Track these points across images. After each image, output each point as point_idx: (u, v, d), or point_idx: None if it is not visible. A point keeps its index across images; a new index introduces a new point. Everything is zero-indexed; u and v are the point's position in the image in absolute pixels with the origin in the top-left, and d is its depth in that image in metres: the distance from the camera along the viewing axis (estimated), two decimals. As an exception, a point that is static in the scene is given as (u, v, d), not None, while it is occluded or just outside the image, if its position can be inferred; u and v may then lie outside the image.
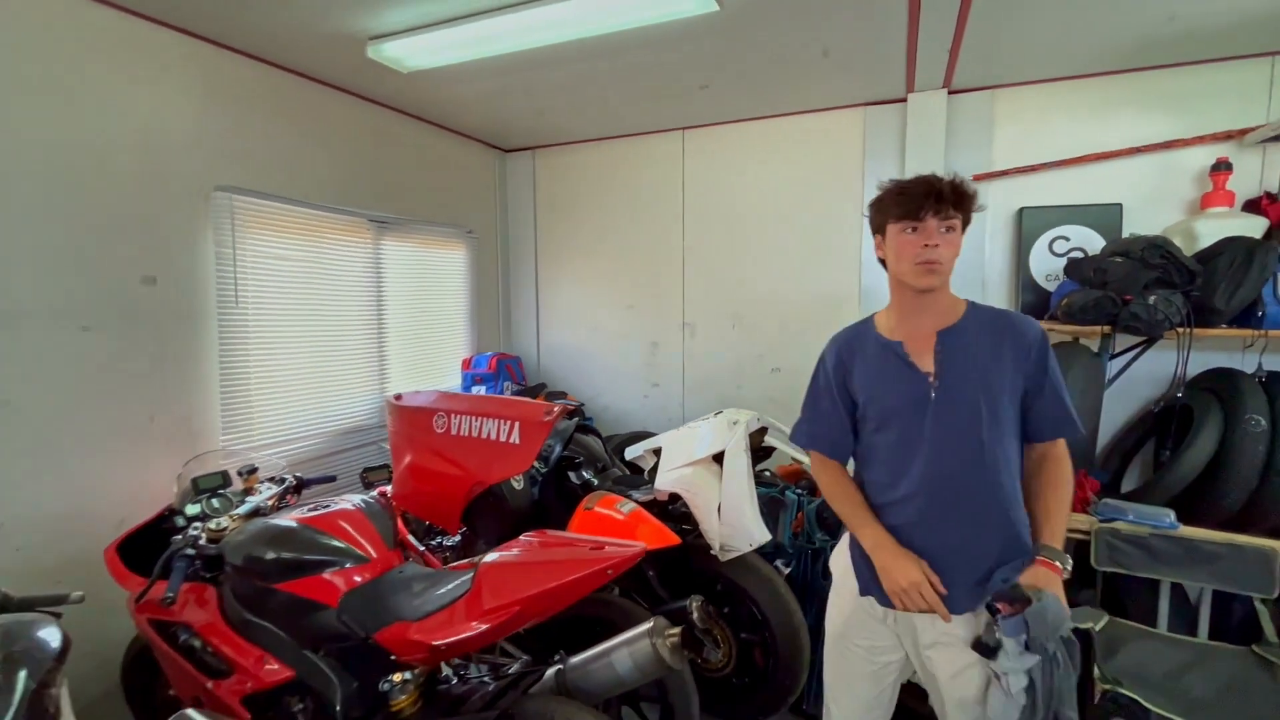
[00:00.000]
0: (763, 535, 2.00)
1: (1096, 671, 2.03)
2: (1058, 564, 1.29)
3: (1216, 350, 2.55)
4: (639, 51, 2.53)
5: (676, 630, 1.57)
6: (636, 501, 2.16)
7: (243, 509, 1.91)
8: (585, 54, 2.54)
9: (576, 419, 3.11)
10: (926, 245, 1.33)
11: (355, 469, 2.82)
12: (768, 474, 2.68)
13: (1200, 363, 2.55)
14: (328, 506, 1.82)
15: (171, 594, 1.60)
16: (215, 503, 2.06)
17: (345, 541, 1.70)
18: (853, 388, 1.49)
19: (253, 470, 2.16)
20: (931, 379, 1.39)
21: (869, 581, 1.45)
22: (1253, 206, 2.57)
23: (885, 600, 1.41)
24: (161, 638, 1.76)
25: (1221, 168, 2.57)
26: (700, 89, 2.98)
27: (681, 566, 2.31)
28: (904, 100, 3.06)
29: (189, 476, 2.08)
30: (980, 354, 1.38)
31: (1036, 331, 1.40)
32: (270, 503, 1.99)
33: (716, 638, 2.34)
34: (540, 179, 4.08)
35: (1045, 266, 2.86)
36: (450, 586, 1.51)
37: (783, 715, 2.29)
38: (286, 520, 1.73)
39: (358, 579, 1.64)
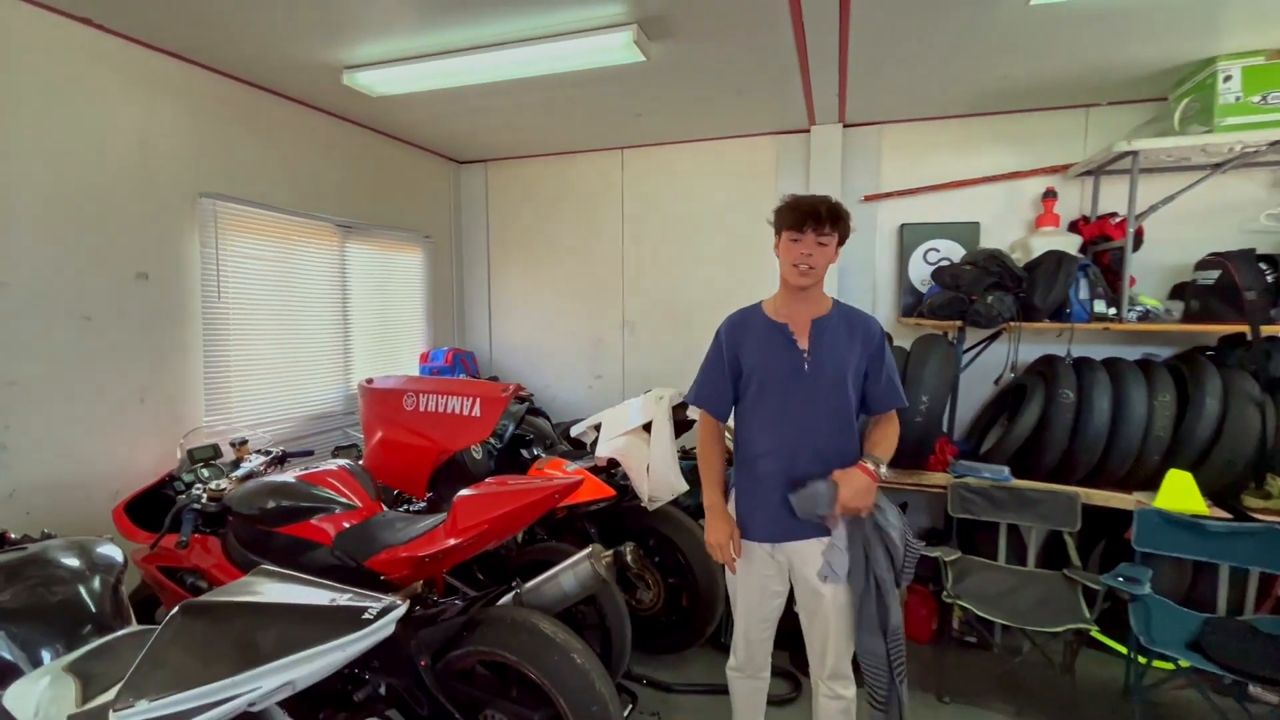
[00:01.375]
0: (681, 485, 2.45)
1: (946, 592, 2.57)
2: (869, 465, 1.70)
3: (1043, 341, 3.17)
4: (580, 88, 2.96)
5: (610, 552, 2.00)
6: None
7: (239, 472, 2.23)
8: (532, 88, 2.95)
9: (527, 403, 3.50)
10: (804, 253, 1.68)
11: (323, 452, 3.12)
12: (692, 449, 3.15)
13: (1034, 351, 3.17)
14: (318, 467, 2.16)
15: (185, 538, 1.91)
16: (205, 471, 2.35)
17: (336, 493, 2.05)
18: (742, 359, 1.80)
19: (244, 442, 2.46)
20: (806, 355, 1.75)
21: (745, 526, 1.82)
22: (1074, 227, 3.22)
23: (757, 537, 1.79)
24: (171, 582, 2.06)
25: (1050, 195, 3.21)
26: (635, 117, 3.44)
27: (618, 523, 2.73)
28: (808, 131, 3.61)
29: (187, 448, 2.36)
30: (840, 340, 1.77)
31: (879, 328, 1.84)
32: (262, 468, 2.31)
33: (648, 581, 2.77)
34: (492, 188, 4.45)
35: (921, 273, 3.45)
36: (429, 520, 1.89)
37: (702, 646, 2.74)
38: (285, 477, 2.06)
39: (346, 524, 1.99)
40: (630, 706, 2.35)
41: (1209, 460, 2.62)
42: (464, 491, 1.83)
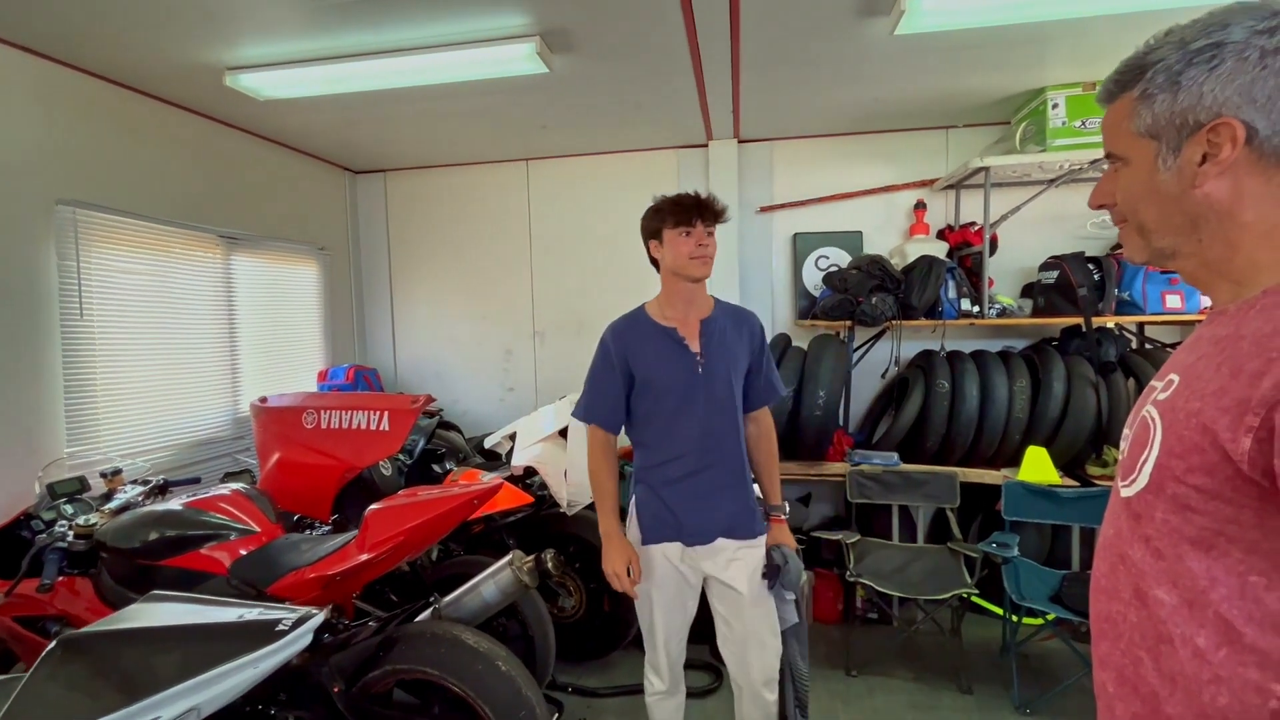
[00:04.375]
0: (600, 489, 2.48)
1: (849, 573, 2.76)
2: (782, 516, 1.83)
3: (921, 337, 3.50)
4: (482, 97, 2.96)
5: (531, 558, 1.99)
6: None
7: (112, 505, 2.02)
8: (431, 96, 2.91)
9: (438, 417, 3.42)
10: (700, 244, 1.70)
11: (211, 479, 2.88)
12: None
13: (914, 347, 3.49)
14: (207, 493, 2.01)
15: (50, 580, 1.71)
16: (69, 507, 2.11)
17: (230, 518, 1.92)
18: (634, 366, 1.76)
19: (117, 472, 2.23)
20: (699, 357, 1.74)
21: (651, 534, 1.78)
22: (942, 234, 3.58)
23: (666, 537, 1.76)
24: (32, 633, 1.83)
25: (920, 206, 3.57)
26: (540, 128, 3.48)
27: (537, 531, 2.71)
28: (706, 146, 3.79)
29: (46, 481, 2.11)
30: (728, 338, 1.78)
31: (759, 323, 1.87)
32: (141, 499, 2.10)
33: (569, 587, 2.77)
34: (392, 199, 4.31)
35: (813, 278, 3.71)
36: (338, 539, 1.80)
37: (626, 649, 2.77)
38: (169, 505, 1.90)
39: (244, 550, 1.86)
40: (556, 715, 2.34)
41: (1059, 436, 3.00)
42: (375, 505, 1.77)
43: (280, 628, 0.96)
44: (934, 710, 2.46)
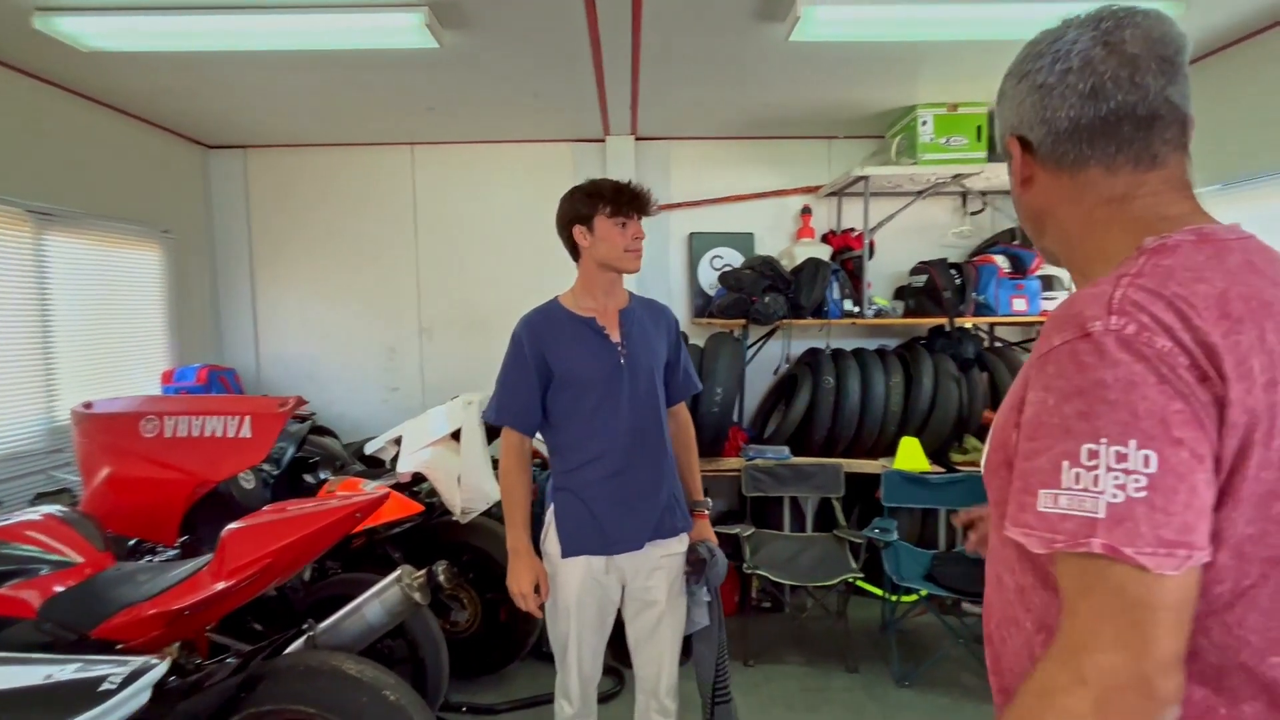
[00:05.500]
0: (497, 493, 2.35)
1: (746, 564, 2.82)
2: (705, 511, 1.81)
3: (808, 336, 3.67)
4: (365, 71, 2.71)
5: (422, 572, 1.83)
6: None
7: None
8: (307, 65, 2.62)
9: (310, 421, 3.10)
10: (636, 236, 1.64)
11: (18, 501, 2.41)
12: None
13: (802, 345, 3.66)
14: (11, 519, 1.65)
15: None
16: None
17: (41, 549, 1.59)
18: (550, 360, 1.65)
19: (-123, 499, 1.78)
20: (621, 349, 1.66)
21: (574, 544, 1.65)
22: (825, 238, 3.78)
23: (591, 550, 1.64)
24: None
25: (806, 211, 3.74)
26: (427, 110, 3.25)
27: (427, 543, 2.52)
28: (603, 141, 3.74)
29: None
30: (649, 330, 1.73)
31: (674, 316, 1.84)
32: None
33: (463, 600, 2.61)
34: (254, 179, 3.86)
35: (708, 278, 3.77)
36: (187, 566, 1.55)
37: (523, 660, 2.65)
38: (-49, 537, 1.54)
39: (59, 587, 1.55)
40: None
41: (928, 427, 3.26)
42: (234, 524, 1.54)
43: (105, 687, 0.78)
44: (824, 692, 2.58)
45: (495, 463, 2.66)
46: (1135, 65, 0.64)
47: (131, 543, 2.27)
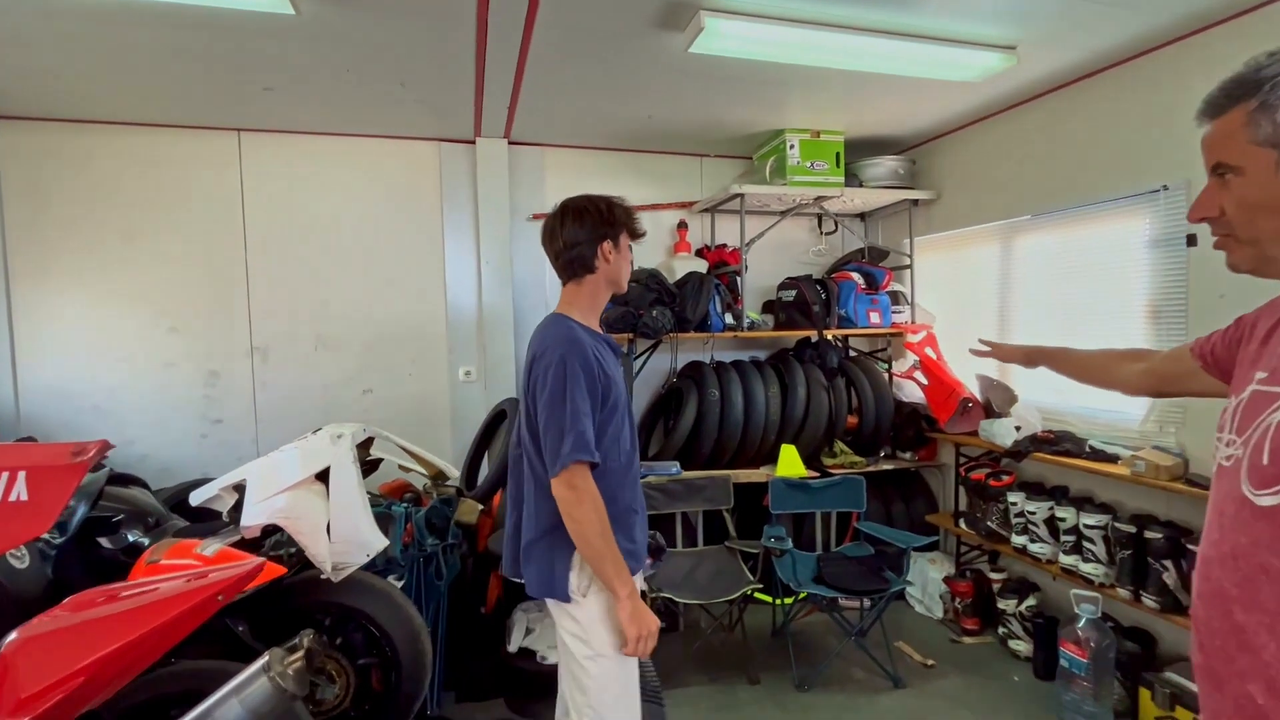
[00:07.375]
0: (380, 541, 2.01)
1: (651, 589, 2.72)
2: None
3: (691, 349, 3.71)
4: (184, 30, 2.21)
5: (299, 654, 1.46)
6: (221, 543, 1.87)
7: None
8: (99, 15, 2.07)
9: (106, 469, 2.46)
10: (631, 262, 1.64)
11: None
12: (371, 493, 2.64)
13: (686, 358, 3.68)
14: None
15: None
16: None
17: None
18: (609, 386, 1.49)
19: None
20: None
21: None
22: (701, 253, 3.86)
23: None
24: None
25: (683, 226, 3.79)
26: (263, 90, 2.76)
27: (280, 608, 2.08)
28: (473, 143, 3.47)
29: None
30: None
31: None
32: None
33: (331, 673, 2.19)
34: (10, 160, 3.00)
35: (589, 290, 3.65)
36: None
37: (409, 727, 2.30)
38: None
39: None
40: None
41: (803, 434, 3.43)
42: (18, 632, 1.10)
43: None
44: (733, 709, 2.55)
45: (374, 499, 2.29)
46: None
47: None
